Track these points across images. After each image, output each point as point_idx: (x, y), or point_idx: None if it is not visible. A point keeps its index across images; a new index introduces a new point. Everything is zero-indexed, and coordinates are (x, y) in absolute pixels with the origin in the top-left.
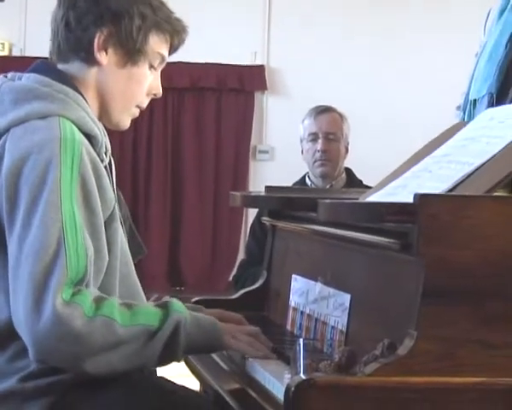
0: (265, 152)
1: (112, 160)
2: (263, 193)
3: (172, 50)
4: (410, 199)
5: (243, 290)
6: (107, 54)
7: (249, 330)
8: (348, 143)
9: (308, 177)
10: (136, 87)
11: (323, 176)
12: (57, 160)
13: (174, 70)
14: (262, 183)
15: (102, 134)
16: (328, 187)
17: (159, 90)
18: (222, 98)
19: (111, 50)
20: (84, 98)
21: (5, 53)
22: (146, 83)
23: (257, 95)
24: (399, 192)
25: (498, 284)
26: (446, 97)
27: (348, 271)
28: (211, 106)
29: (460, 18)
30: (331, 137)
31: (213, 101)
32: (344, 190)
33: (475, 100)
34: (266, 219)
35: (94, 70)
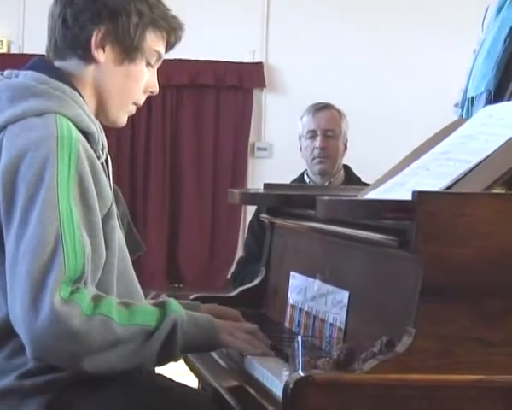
0: (264, 149)
1: (108, 157)
2: (261, 190)
3: (169, 47)
4: (409, 196)
5: (242, 288)
6: (104, 51)
7: (247, 327)
8: (347, 141)
9: (306, 174)
10: (133, 84)
11: (322, 173)
12: (54, 157)
13: (173, 67)
14: (260, 180)
15: (99, 131)
16: (326, 184)
17: (155, 87)
18: (220, 95)
19: (108, 48)
20: (81, 95)
21: (4, 50)
22: (143, 80)
23: (255, 92)
24: (397, 189)
25: (496, 282)
26: (445, 94)
27: (346, 268)
28: (209, 103)
29: (458, 15)
30: (330, 134)
31: (212, 98)
32: (342, 188)
33: (473, 97)
34: (265, 216)
35: (91, 67)
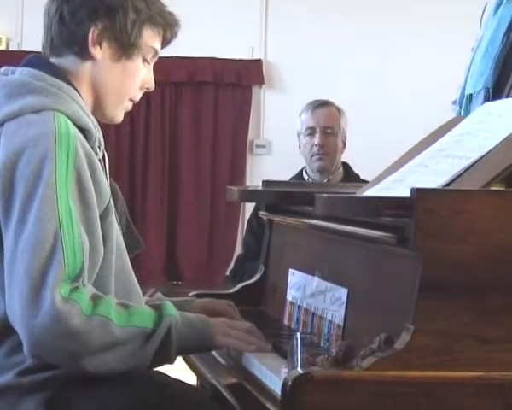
0: (263, 146)
1: (105, 153)
2: (260, 187)
3: (165, 44)
4: (407, 193)
5: (240, 285)
6: (101, 48)
7: (242, 326)
8: (345, 138)
9: (305, 171)
10: (129, 81)
11: (321, 170)
12: (52, 154)
13: (171, 64)
14: (259, 177)
15: (96, 128)
16: (325, 181)
17: (151, 83)
18: (219, 93)
19: (105, 44)
20: (78, 92)
21: (2, 47)
22: (139, 77)
23: (254, 89)
24: (396, 186)
25: (495, 279)
26: (444, 92)
27: (345, 265)
28: (208, 100)
29: (457, 12)
30: (328, 131)
31: (211, 95)
32: (341, 185)
33: (471, 94)
34: (263, 213)
35: (88, 64)
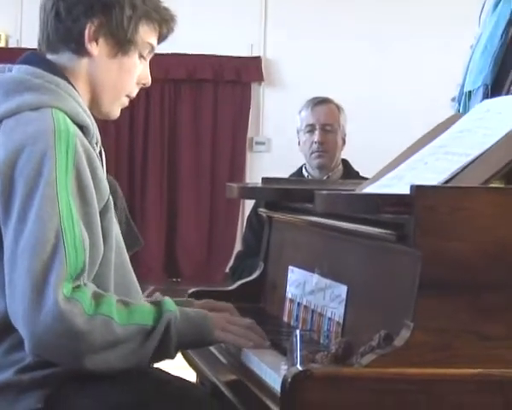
0: (262, 143)
1: (102, 149)
2: (260, 184)
3: (161, 39)
4: (407, 190)
5: (240, 282)
6: (97, 44)
7: (241, 321)
8: (345, 135)
9: (305, 168)
10: (126, 77)
11: (320, 167)
12: (52, 152)
13: (171, 62)
14: (259, 174)
15: (94, 125)
16: (324, 178)
17: (148, 79)
18: (218, 90)
19: (102, 41)
20: (75, 89)
21: (2, 44)
22: (136, 72)
23: (253, 86)
24: (396, 183)
25: (495, 275)
26: (444, 89)
27: (345, 262)
28: (207, 97)
29: (456, 9)
30: (328, 128)
31: (210, 92)
32: (341, 182)
33: (470, 91)
34: (263, 210)
35: (84, 61)
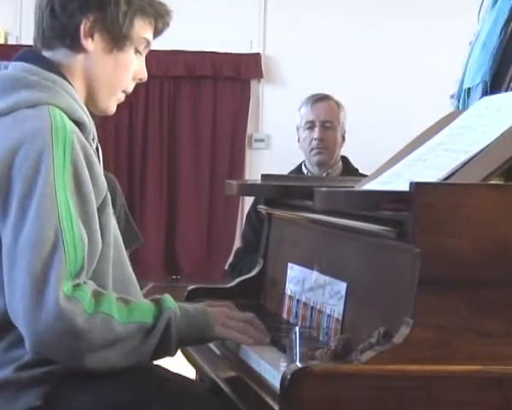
0: (261, 140)
1: (99, 146)
2: (259, 181)
3: (157, 34)
4: (406, 187)
5: (239, 279)
6: (93, 40)
7: (242, 316)
8: (345, 132)
9: (304, 165)
10: (122, 72)
11: (320, 164)
12: (49, 149)
13: (170, 58)
14: (258, 171)
15: (90, 121)
16: (324, 175)
17: (144, 74)
18: (218, 87)
19: (97, 36)
20: (71, 85)
21: (1, 41)
22: (132, 68)
23: (253, 83)
24: (395, 180)
25: (494, 272)
26: (443, 86)
27: (344, 259)
28: (207, 94)
29: (456, 6)
30: (328, 125)
31: (209, 89)
32: (340, 179)
33: (469, 88)
34: (262, 207)
35: (80, 57)
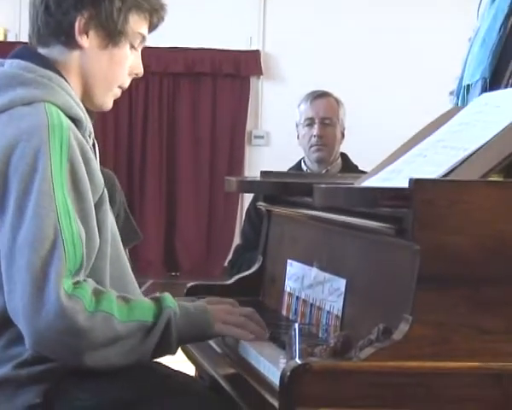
0: (261, 137)
1: (95, 142)
2: (258, 178)
3: (152, 29)
4: (405, 184)
5: (239, 276)
6: (88, 37)
7: (242, 311)
8: (344, 129)
9: (304, 162)
10: (117, 68)
11: (319, 161)
12: (46, 147)
13: (169, 55)
14: (257, 168)
15: (86, 117)
16: (323, 172)
17: (140, 69)
18: (217, 83)
19: (92, 33)
20: (67, 82)
21: (0, 38)
22: (127, 63)
23: (252, 80)
24: (394, 177)
25: (493, 269)
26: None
27: (343, 256)
28: (206, 91)
29: (455, 3)
30: (327, 122)
31: (209, 86)
32: (339, 175)
33: (469, 85)
34: (262, 204)
35: (75, 53)
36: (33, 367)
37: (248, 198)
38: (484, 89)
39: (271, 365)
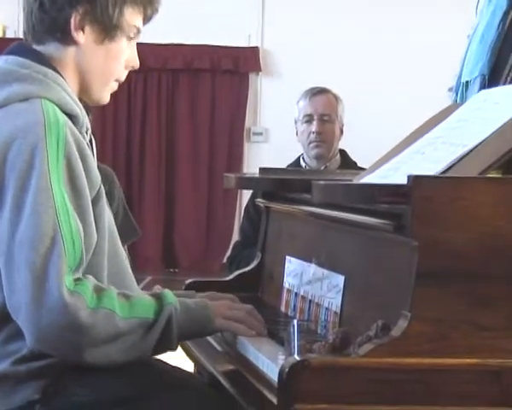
0: (260, 134)
1: (92, 138)
2: (257, 175)
3: (146, 21)
4: (404, 180)
5: (237, 272)
6: (83, 32)
7: (242, 307)
8: (343, 125)
9: (302, 158)
10: (114, 62)
11: (318, 157)
12: (43, 144)
13: (168, 52)
14: (256, 164)
15: (83, 113)
16: (322, 169)
17: (136, 61)
18: (216, 80)
19: (88, 28)
20: (63, 78)
21: None
22: (123, 57)
23: (251, 76)
24: (393, 174)
25: (492, 266)
26: (441, 79)
27: (342, 252)
28: (205, 88)
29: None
30: (326, 118)
31: (208, 82)
32: (338, 172)
33: (467, 82)
34: (260, 200)
35: (71, 49)
36: (32, 363)
37: (247, 195)
38: (482, 85)
39: (270, 361)
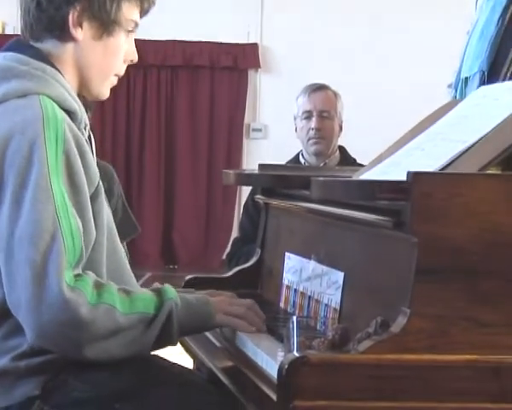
0: (259, 130)
1: (91, 134)
2: (256, 171)
3: (143, 14)
4: (404, 177)
5: (237, 268)
6: (82, 29)
7: (242, 302)
8: (342, 121)
9: (302, 155)
10: (113, 57)
11: (317, 154)
12: (41, 140)
13: (168, 48)
14: (255, 161)
15: (81, 109)
16: (321, 165)
17: (134, 55)
18: (215, 76)
19: (86, 25)
20: (62, 74)
21: None
22: (122, 51)
23: (250, 73)
24: (393, 170)
25: (491, 262)
26: (441, 75)
27: (341, 249)
28: (204, 84)
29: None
30: (325, 115)
31: (207, 79)
32: (337, 168)
33: (467, 78)
34: (260, 197)
35: (69, 46)
36: (32, 359)
37: (246, 191)
38: (482, 82)
39: (269, 357)
